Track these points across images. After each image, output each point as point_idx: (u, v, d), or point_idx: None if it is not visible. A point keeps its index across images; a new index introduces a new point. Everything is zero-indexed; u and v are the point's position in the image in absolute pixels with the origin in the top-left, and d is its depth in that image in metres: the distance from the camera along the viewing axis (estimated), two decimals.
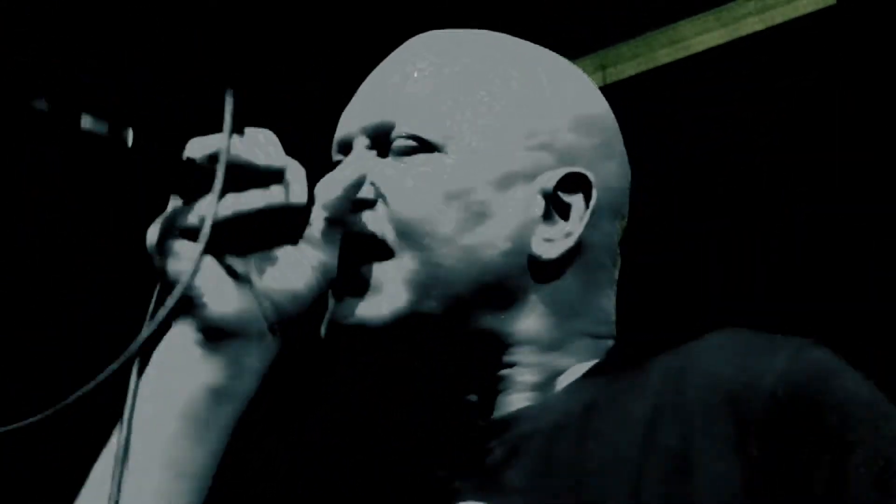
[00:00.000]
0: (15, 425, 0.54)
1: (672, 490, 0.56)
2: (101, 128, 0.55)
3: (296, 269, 0.60)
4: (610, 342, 0.71)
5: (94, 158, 0.59)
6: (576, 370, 0.68)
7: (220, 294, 0.59)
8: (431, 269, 0.63)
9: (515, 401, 0.66)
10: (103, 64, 2.12)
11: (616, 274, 0.73)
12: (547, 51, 0.74)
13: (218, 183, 0.54)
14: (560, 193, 0.67)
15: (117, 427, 0.58)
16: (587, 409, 0.63)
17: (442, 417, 0.68)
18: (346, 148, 0.69)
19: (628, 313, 0.74)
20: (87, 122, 0.55)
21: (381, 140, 0.67)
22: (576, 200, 0.67)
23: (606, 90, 0.82)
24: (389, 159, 0.66)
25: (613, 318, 0.73)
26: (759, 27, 1.85)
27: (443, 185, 0.64)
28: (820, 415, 0.55)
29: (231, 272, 0.59)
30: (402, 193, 0.64)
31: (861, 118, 1.98)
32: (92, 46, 2.16)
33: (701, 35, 1.94)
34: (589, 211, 0.67)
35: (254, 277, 0.59)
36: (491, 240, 0.65)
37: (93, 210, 3.49)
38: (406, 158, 0.66)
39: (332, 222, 0.61)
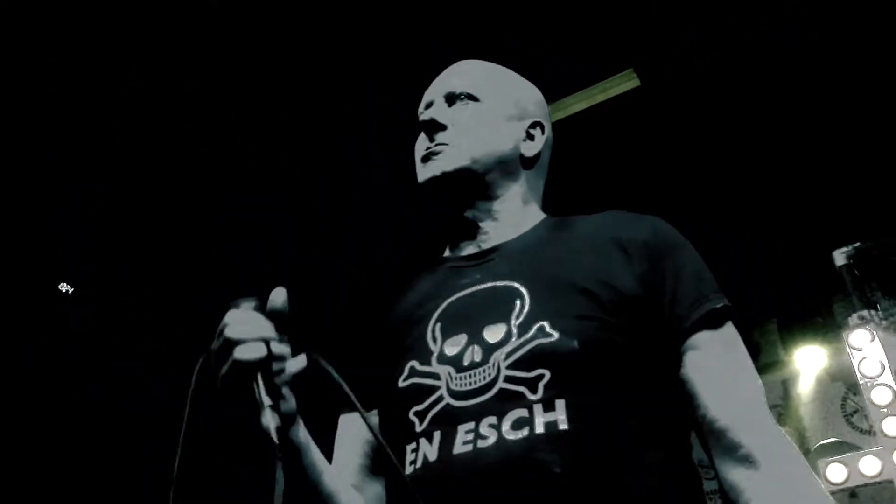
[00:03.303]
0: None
1: (602, 277, 1.09)
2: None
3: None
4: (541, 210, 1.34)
5: None
6: (532, 219, 1.28)
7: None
8: (473, 152, 1.24)
9: (503, 229, 1.25)
10: None
11: (543, 184, 1.37)
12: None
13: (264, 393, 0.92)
14: (530, 129, 1.32)
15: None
16: (544, 238, 1.23)
17: (465, 238, 1.27)
18: (429, 105, 1.32)
19: None
20: None
21: (450, 98, 1.30)
22: (538, 133, 1.33)
23: None
24: (455, 106, 1.29)
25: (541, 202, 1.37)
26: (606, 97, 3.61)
27: (482, 116, 1.28)
28: (670, 251, 1.13)
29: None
30: (462, 120, 1.27)
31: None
32: None
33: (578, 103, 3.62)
34: (545, 138, 1.34)
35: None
36: (503, 142, 1.28)
37: None
38: (464, 105, 1.29)
39: (434, 124, 1.26)
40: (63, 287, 4.16)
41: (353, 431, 1.20)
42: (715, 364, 1.05)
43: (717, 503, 4.39)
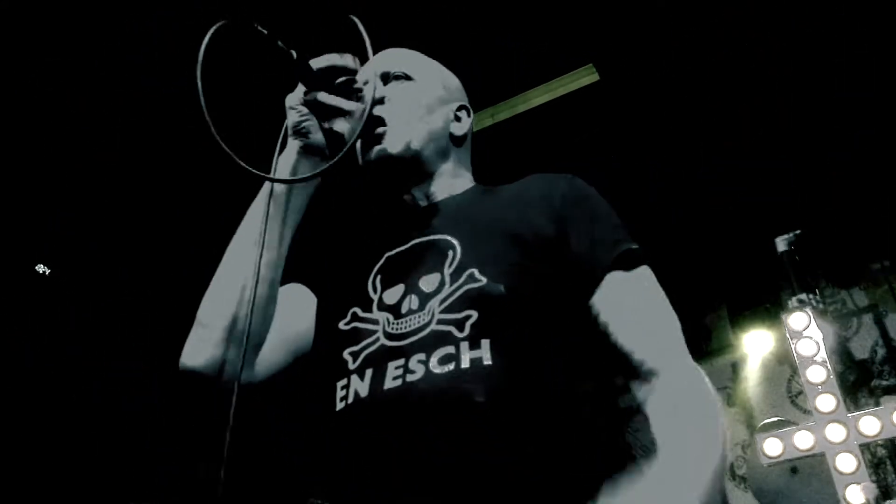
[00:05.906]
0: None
1: (525, 229, 1.18)
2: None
3: (350, 120, 1.26)
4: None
5: None
6: (464, 185, 1.39)
7: (316, 132, 1.29)
8: (410, 132, 1.31)
9: (440, 192, 1.35)
10: None
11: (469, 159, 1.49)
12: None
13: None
14: (457, 112, 1.42)
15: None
16: (474, 197, 1.34)
17: (406, 202, 1.35)
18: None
19: None
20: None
21: (386, 77, 1.37)
22: (464, 116, 1.43)
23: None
24: (391, 84, 1.36)
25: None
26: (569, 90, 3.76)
27: (415, 95, 1.36)
28: (585, 201, 1.22)
29: (323, 122, 1.28)
30: (398, 97, 1.34)
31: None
32: None
33: (540, 96, 3.82)
34: (471, 120, 1.45)
35: (332, 125, 1.28)
36: (435, 123, 1.37)
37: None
38: (399, 83, 1.36)
39: (373, 104, 1.24)
40: (40, 268, 4.14)
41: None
42: (633, 301, 1.12)
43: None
